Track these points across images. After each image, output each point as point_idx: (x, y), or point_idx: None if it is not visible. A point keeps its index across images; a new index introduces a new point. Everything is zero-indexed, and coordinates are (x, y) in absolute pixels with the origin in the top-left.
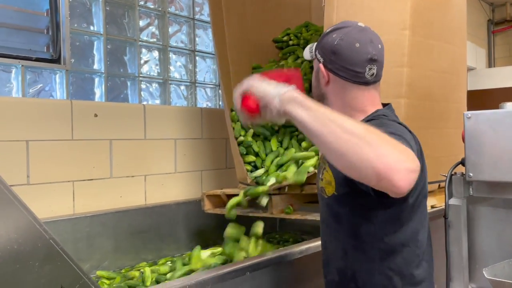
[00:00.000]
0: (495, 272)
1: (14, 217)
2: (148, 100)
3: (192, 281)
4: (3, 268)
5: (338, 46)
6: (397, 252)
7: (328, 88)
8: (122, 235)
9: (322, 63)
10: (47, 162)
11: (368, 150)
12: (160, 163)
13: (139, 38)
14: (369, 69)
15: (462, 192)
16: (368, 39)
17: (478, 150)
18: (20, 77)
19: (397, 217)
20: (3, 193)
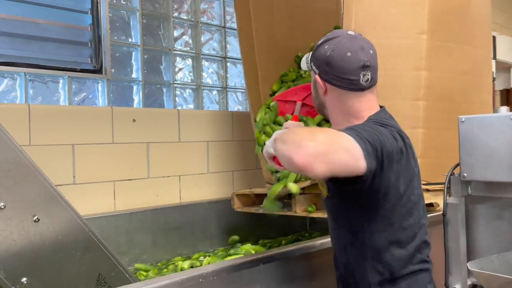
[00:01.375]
0: (482, 265)
1: (59, 213)
2: (183, 105)
3: (209, 270)
4: (51, 256)
5: (330, 57)
6: (387, 249)
7: (326, 98)
8: (159, 231)
9: (318, 74)
10: (91, 164)
11: (284, 147)
12: (194, 164)
13: (173, 48)
14: (363, 75)
15: (460, 191)
16: (359, 46)
17: (471, 152)
18: (66, 87)
19: (385, 216)
20: (50, 192)
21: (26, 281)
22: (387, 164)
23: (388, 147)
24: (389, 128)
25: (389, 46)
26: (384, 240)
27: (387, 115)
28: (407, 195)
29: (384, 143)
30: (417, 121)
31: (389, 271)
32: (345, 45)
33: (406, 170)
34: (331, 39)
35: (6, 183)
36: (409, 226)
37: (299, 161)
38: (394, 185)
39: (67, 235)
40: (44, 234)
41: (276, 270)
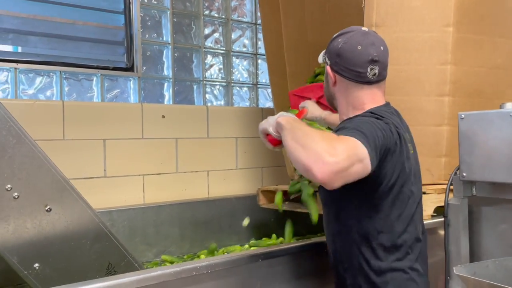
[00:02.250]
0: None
1: (70, 203)
2: (213, 102)
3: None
4: (61, 244)
5: (341, 49)
6: (374, 237)
7: (335, 89)
8: (186, 225)
9: (329, 65)
10: (121, 158)
11: (301, 152)
12: (222, 160)
13: (204, 45)
14: (371, 69)
15: (462, 192)
16: (370, 41)
17: (470, 151)
18: (99, 85)
19: (372, 204)
20: (61, 183)
21: (38, 267)
22: (384, 157)
23: (386, 141)
24: (384, 120)
25: (412, 40)
26: (372, 227)
27: (389, 110)
28: (398, 186)
29: (384, 139)
30: (442, 118)
31: (377, 259)
32: (357, 39)
33: (398, 162)
34: (346, 33)
35: (20, 174)
36: (399, 218)
37: (320, 176)
38: (385, 175)
39: (78, 225)
40: (55, 223)
41: (278, 267)
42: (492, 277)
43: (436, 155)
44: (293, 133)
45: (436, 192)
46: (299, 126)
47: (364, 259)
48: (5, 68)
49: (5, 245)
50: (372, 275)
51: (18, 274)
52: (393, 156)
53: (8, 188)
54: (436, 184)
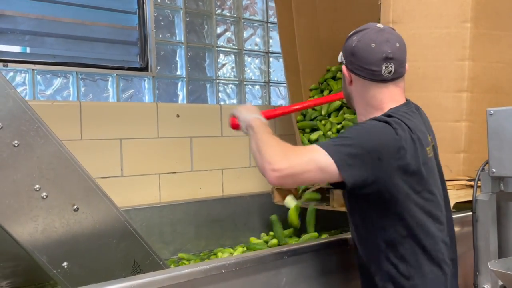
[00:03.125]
0: (509, 265)
1: (96, 203)
2: (225, 101)
3: (232, 261)
4: (89, 243)
5: (355, 47)
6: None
7: (352, 88)
8: (202, 223)
9: (345, 64)
10: (137, 157)
11: (258, 158)
12: (236, 158)
13: (216, 44)
14: (386, 67)
15: (490, 188)
16: (384, 39)
17: (500, 146)
18: (115, 85)
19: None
20: (88, 183)
21: (67, 266)
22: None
23: (380, 146)
24: (393, 124)
25: (429, 36)
26: (397, 233)
27: (409, 109)
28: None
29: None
30: (460, 114)
31: (404, 264)
32: (371, 36)
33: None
34: (360, 31)
35: (48, 175)
36: (423, 223)
37: (272, 181)
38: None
39: (104, 224)
40: (83, 223)
41: (302, 264)
42: None
43: (454, 151)
44: (256, 138)
45: (455, 188)
46: (264, 133)
47: (391, 263)
48: (22, 70)
49: (34, 244)
50: (402, 279)
51: (48, 273)
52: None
53: (37, 188)
54: (455, 180)
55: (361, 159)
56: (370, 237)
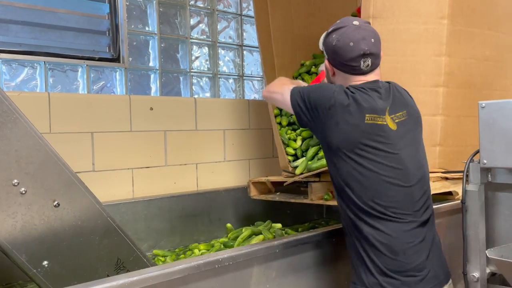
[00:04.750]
0: (502, 253)
1: (78, 198)
2: (199, 94)
3: (225, 255)
4: (70, 240)
5: (336, 47)
6: (343, 188)
7: (335, 78)
8: (176, 218)
9: (327, 59)
10: (109, 152)
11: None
12: (210, 152)
13: (190, 36)
14: (364, 62)
15: (479, 179)
16: (361, 36)
17: (491, 138)
18: (85, 76)
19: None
20: (69, 178)
21: (47, 264)
22: (318, 112)
23: (317, 99)
24: (336, 88)
25: (408, 32)
26: (340, 179)
27: (369, 85)
28: (348, 149)
29: (313, 95)
30: (437, 108)
31: (349, 209)
32: (349, 35)
33: (342, 125)
34: (339, 28)
35: (27, 169)
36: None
37: (263, 94)
38: (330, 136)
39: (87, 220)
40: (64, 219)
41: (292, 257)
42: None
43: (430, 144)
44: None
45: (431, 180)
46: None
47: (343, 210)
48: None
49: (13, 243)
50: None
51: (27, 272)
52: (329, 118)
53: (15, 183)
54: (431, 173)
55: (304, 103)
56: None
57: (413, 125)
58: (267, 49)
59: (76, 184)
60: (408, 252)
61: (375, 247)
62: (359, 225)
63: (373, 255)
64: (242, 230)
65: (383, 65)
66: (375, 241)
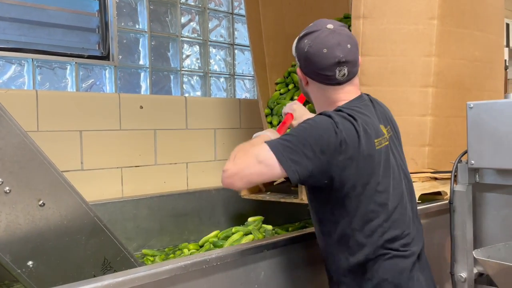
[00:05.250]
0: (489, 254)
1: (64, 197)
2: (190, 93)
3: (213, 255)
4: (56, 240)
5: (308, 53)
6: (350, 236)
7: (308, 88)
8: (166, 218)
9: (299, 67)
10: (98, 150)
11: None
12: (201, 152)
13: (181, 34)
14: (339, 71)
15: (467, 179)
16: (336, 42)
17: (479, 139)
18: (74, 73)
19: (342, 204)
20: (55, 177)
21: (32, 265)
22: (325, 157)
23: (321, 142)
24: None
25: (399, 32)
26: (346, 226)
27: (361, 103)
28: (362, 185)
29: (314, 140)
30: (426, 108)
31: (355, 256)
32: (322, 40)
33: (356, 160)
34: (311, 32)
35: (11, 167)
36: (370, 214)
37: (224, 182)
38: (342, 176)
39: (73, 220)
40: (49, 219)
41: (280, 257)
42: (504, 259)
43: (420, 144)
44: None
45: (420, 180)
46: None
47: (344, 256)
48: None
49: None
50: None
51: (11, 273)
52: (344, 156)
53: None
54: (420, 173)
55: (303, 153)
56: (324, 230)
57: (398, 141)
58: (259, 48)
59: (62, 183)
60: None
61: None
62: (370, 271)
63: None
64: (232, 230)
65: (373, 65)
66: (386, 283)
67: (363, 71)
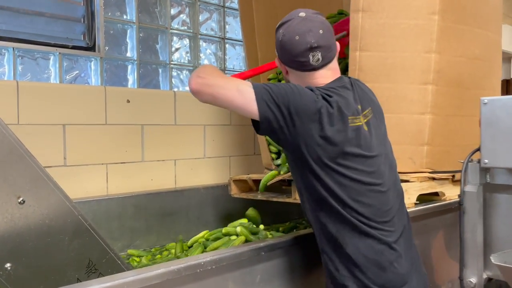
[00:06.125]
0: (505, 259)
1: (46, 195)
2: (179, 87)
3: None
4: (37, 241)
5: (282, 42)
6: (322, 204)
7: (289, 77)
8: (153, 217)
9: (277, 57)
10: (83, 145)
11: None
12: (190, 148)
13: (170, 26)
14: (313, 56)
15: (478, 179)
16: (307, 28)
17: (494, 137)
18: (57, 64)
19: (307, 175)
20: (36, 172)
21: (10, 267)
22: (298, 119)
23: (299, 104)
24: (315, 91)
25: (398, 27)
26: (318, 194)
27: (340, 84)
28: (330, 157)
29: (293, 99)
30: (425, 106)
31: (331, 224)
32: (294, 28)
33: (326, 131)
34: (285, 22)
35: None
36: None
37: (191, 86)
38: (310, 144)
39: (55, 219)
40: (29, 217)
41: (278, 259)
42: None
43: (418, 143)
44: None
45: (418, 180)
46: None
47: (316, 224)
48: None
49: None
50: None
51: None
52: (317, 124)
53: None
54: (418, 172)
55: (278, 105)
56: (303, 199)
57: (379, 123)
58: (251, 42)
59: (44, 179)
60: (394, 264)
61: (360, 263)
62: (342, 240)
63: (358, 272)
64: (222, 231)
65: (371, 61)
66: (360, 257)
67: (361, 67)
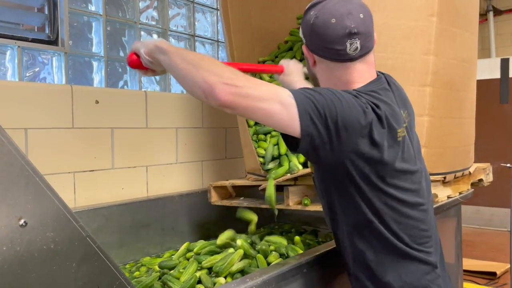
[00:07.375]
0: None
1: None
2: (147, 87)
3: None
4: (42, 270)
5: (314, 25)
6: (364, 226)
7: (316, 69)
8: (125, 229)
9: (305, 44)
10: (47, 152)
11: (196, 73)
12: (162, 153)
13: (139, 21)
14: (351, 44)
15: None
16: (346, 11)
17: None
18: (16, 60)
19: (353, 194)
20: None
21: None
22: (345, 134)
23: (348, 116)
24: (362, 99)
25: (399, 28)
26: (361, 217)
27: (380, 86)
28: (379, 175)
29: (341, 111)
30: (423, 108)
31: (371, 251)
32: (330, 10)
33: (376, 146)
34: (318, 3)
35: None
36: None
37: (221, 96)
38: (355, 160)
39: (61, 242)
40: (32, 242)
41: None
42: None
43: None
44: (183, 55)
45: None
46: (189, 51)
47: (358, 249)
48: None
49: None
50: (373, 267)
51: None
52: (367, 140)
53: None
54: None
55: (325, 119)
56: (336, 218)
57: (414, 126)
58: (229, 41)
59: (47, 194)
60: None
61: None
62: (381, 268)
63: None
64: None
65: None
66: (401, 283)
67: None
